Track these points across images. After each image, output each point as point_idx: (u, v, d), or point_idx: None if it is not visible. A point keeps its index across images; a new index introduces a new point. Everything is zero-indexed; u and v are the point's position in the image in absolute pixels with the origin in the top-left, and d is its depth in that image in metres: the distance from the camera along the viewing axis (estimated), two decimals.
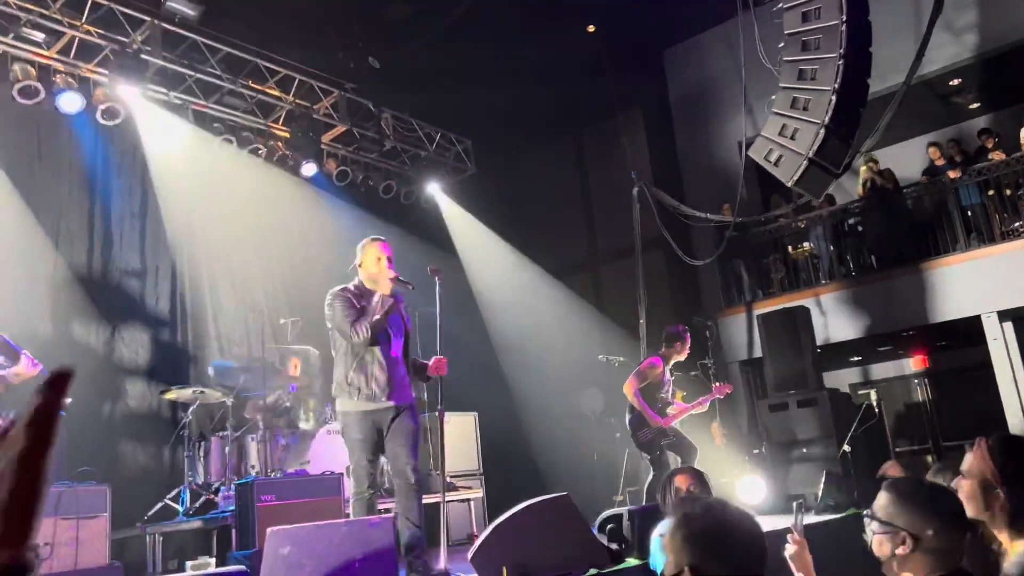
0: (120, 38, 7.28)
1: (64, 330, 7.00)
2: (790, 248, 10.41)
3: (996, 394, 8.44)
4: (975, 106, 11.25)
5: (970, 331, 8.80)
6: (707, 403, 6.60)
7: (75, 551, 4.35)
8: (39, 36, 7.02)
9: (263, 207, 8.80)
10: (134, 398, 7.28)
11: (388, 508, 5.64)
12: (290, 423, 7.03)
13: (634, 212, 9.73)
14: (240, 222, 8.54)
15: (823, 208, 9.88)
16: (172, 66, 7.67)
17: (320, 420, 7.09)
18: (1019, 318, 8.58)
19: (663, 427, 6.27)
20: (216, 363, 7.32)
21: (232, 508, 5.79)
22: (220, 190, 8.38)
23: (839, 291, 9.67)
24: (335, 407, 4.51)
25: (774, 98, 7.09)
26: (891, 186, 9.61)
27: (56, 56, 7.15)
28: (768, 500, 6.73)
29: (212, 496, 6.32)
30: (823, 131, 6.66)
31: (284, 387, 7.09)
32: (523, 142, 11.67)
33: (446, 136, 10.38)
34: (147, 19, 7.38)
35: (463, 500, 7.28)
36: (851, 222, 10.21)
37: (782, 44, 7.04)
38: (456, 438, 7.47)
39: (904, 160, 10.37)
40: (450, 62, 9.29)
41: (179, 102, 7.98)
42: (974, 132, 10.11)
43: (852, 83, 6.73)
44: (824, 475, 6.75)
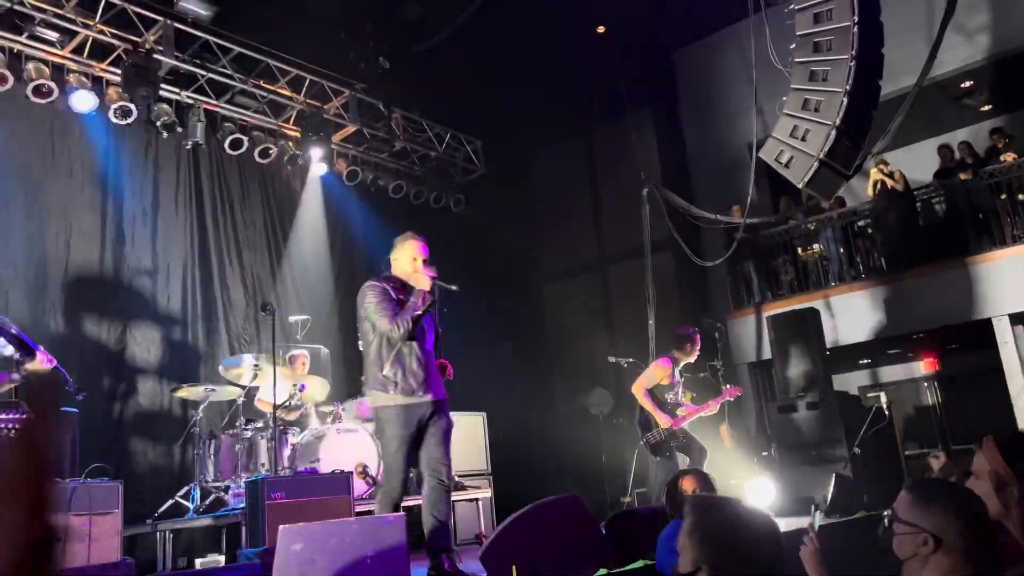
0: (133, 38, 7.34)
1: (76, 328, 7.04)
2: (800, 250, 10.36)
3: (1006, 398, 8.41)
4: (986, 108, 11.19)
5: (980, 334, 8.77)
6: (717, 406, 6.58)
7: (88, 547, 4.37)
8: (53, 35, 7.08)
9: (273, 206, 8.84)
10: (145, 396, 7.32)
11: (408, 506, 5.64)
12: (300, 422, 7.05)
13: (643, 213, 9.72)
14: (251, 221, 8.58)
15: (833, 210, 9.85)
16: (184, 66, 7.72)
17: (330, 419, 7.10)
18: None
19: (673, 428, 6.27)
20: (227, 361, 7.34)
21: (242, 506, 5.81)
22: (230, 189, 8.42)
23: (849, 293, 9.63)
24: (370, 402, 4.35)
25: (785, 99, 7.07)
26: (901, 188, 9.57)
27: (69, 55, 7.21)
28: (777, 502, 6.71)
29: (222, 494, 6.36)
30: (834, 133, 6.63)
31: (295, 386, 7.10)
32: (533, 143, 11.68)
33: (456, 136, 10.40)
34: (160, 19, 7.44)
35: (471, 500, 7.29)
36: (861, 224, 10.17)
37: (793, 45, 7.02)
38: (465, 438, 7.49)
39: (915, 162, 10.31)
40: (460, 63, 9.32)
41: (191, 101, 8.03)
42: (985, 134, 10.05)
43: (864, 85, 6.71)
44: (833, 478, 6.73)
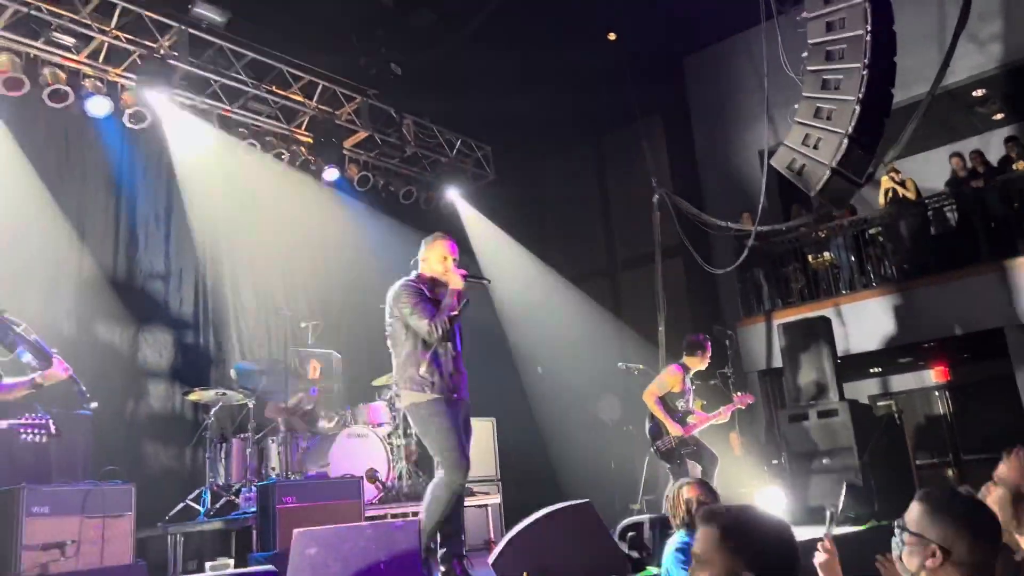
0: (148, 43, 7.39)
1: (89, 331, 7.07)
2: (810, 258, 10.33)
3: (1018, 407, 8.36)
4: (999, 117, 11.16)
5: (992, 343, 8.72)
6: (728, 414, 6.57)
7: (101, 549, 4.40)
8: (69, 40, 7.13)
9: (286, 211, 8.88)
10: (157, 399, 7.35)
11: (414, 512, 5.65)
12: (310, 426, 7.08)
13: (653, 220, 9.73)
14: (263, 226, 8.63)
15: (844, 218, 9.83)
16: (198, 71, 7.77)
17: (340, 423, 7.13)
18: None
19: (683, 436, 6.26)
20: (238, 365, 7.38)
21: (253, 509, 5.83)
22: (244, 194, 8.47)
23: (859, 301, 9.59)
24: (404, 402, 4.24)
25: (796, 107, 7.06)
26: (913, 196, 9.55)
27: (85, 60, 7.26)
28: (788, 511, 6.69)
29: (233, 497, 6.38)
30: (846, 141, 6.61)
31: (305, 390, 7.14)
32: (543, 149, 11.70)
33: (466, 142, 10.43)
34: (175, 25, 7.49)
35: (481, 506, 7.30)
36: (872, 232, 10.14)
37: (805, 54, 7.02)
38: (474, 444, 7.42)
39: (927, 170, 10.29)
40: (471, 69, 9.36)
41: (205, 107, 8.09)
42: (998, 143, 10.02)
43: (876, 93, 6.69)
44: (844, 487, 6.71)
